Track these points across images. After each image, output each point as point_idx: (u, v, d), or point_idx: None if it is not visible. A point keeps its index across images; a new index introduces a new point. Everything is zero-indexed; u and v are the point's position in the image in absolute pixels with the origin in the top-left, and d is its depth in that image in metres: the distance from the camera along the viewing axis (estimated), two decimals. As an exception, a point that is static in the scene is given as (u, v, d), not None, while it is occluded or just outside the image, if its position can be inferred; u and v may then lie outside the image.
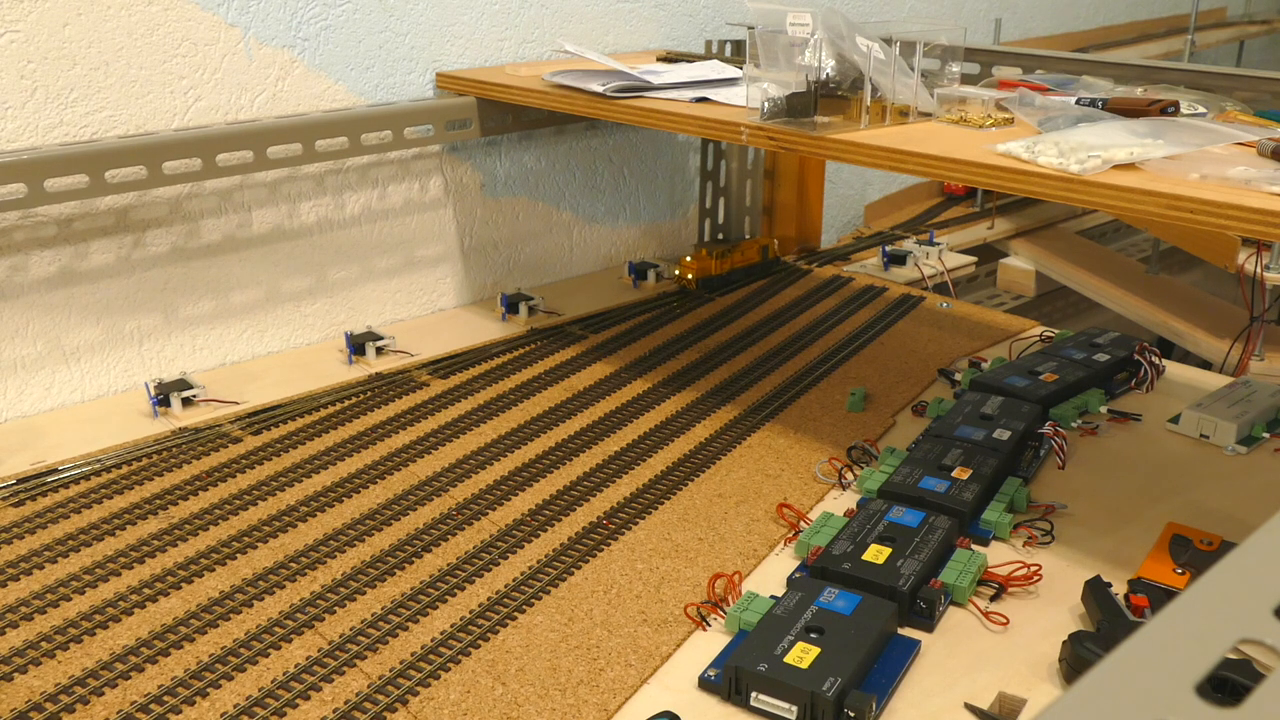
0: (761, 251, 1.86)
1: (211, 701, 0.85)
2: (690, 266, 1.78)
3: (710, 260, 1.78)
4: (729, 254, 1.80)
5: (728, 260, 1.80)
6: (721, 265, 1.79)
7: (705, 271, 1.78)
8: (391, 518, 1.11)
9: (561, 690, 0.87)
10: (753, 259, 1.84)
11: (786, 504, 1.13)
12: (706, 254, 1.79)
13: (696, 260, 1.79)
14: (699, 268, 1.77)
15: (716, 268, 1.79)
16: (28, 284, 1.32)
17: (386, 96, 1.57)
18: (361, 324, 1.61)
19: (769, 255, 1.87)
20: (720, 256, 1.79)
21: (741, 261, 1.82)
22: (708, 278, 1.78)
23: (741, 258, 1.82)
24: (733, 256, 1.81)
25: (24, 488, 1.17)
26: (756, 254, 1.85)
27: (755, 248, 1.85)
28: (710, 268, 1.78)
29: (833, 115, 1.18)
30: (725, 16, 1.97)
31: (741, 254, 1.82)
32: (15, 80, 1.26)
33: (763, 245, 1.86)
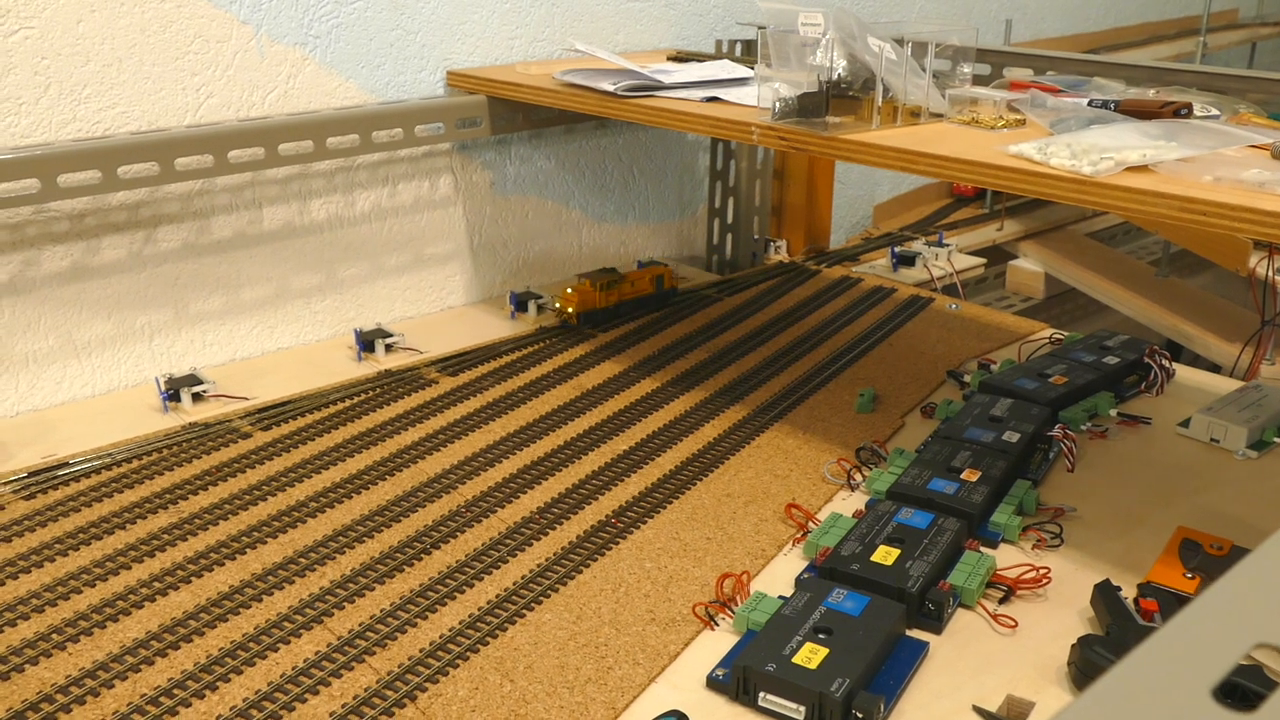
0: (655, 282, 1.68)
1: (220, 695, 0.85)
2: (571, 299, 1.60)
3: (594, 292, 1.61)
4: (616, 285, 1.63)
5: (614, 292, 1.63)
6: (607, 297, 1.62)
7: (588, 305, 1.60)
8: (400, 514, 1.12)
9: (570, 688, 0.87)
10: (644, 290, 1.67)
11: (795, 504, 1.13)
12: (590, 285, 1.61)
13: (578, 291, 1.60)
14: (580, 300, 1.60)
15: (601, 300, 1.61)
16: (40, 279, 1.32)
17: (397, 94, 1.57)
18: (371, 321, 1.61)
19: (664, 286, 1.69)
20: (606, 288, 1.61)
21: (631, 293, 1.65)
22: (591, 311, 1.61)
23: (631, 289, 1.65)
24: (620, 288, 1.63)
25: (35, 481, 1.17)
26: (649, 284, 1.67)
27: (648, 278, 1.67)
28: (594, 300, 1.61)
29: (844, 115, 1.18)
30: (735, 16, 1.97)
31: (631, 285, 1.65)
32: (29, 76, 1.26)
33: (656, 275, 1.68)
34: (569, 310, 1.59)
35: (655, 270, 1.69)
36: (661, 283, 1.69)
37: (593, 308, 1.60)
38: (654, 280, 1.68)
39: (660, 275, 1.68)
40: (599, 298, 1.61)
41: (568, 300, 1.60)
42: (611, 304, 1.62)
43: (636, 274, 1.67)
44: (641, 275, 1.67)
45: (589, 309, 1.60)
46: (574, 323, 1.60)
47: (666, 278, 1.69)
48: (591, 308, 1.60)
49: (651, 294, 1.68)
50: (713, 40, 1.92)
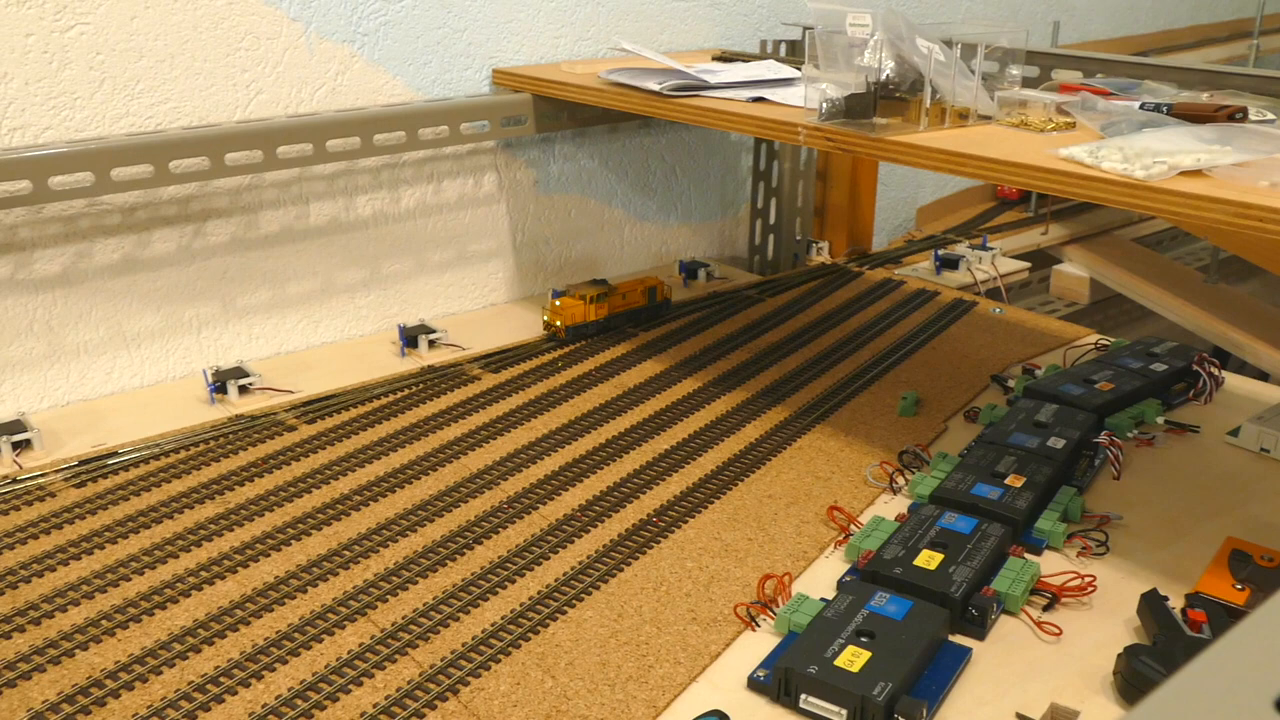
0: (648, 294, 1.61)
1: (266, 684, 0.86)
2: (560, 312, 1.54)
3: (585, 305, 1.54)
4: (607, 297, 1.56)
5: (605, 305, 1.56)
6: (598, 310, 1.55)
7: (578, 318, 1.54)
8: (443, 509, 1.12)
9: (611, 685, 0.87)
10: (636, 302, 1.60)
11: (837, 506, 1.12)
12: (580, 297, 1.55)
13: (567, 304, 1.55)
14: (570, 314, 1.53)
15: (592, 313, 1.55)
16: (92, 271, 1.34)
17: (443, 92, 1.58)
18: (414, 317, 1.62)
19: (657, 298, 1.63)
20: (596, 300, 1.55)
21: (622, 306, 1.58)
22: (581, 325, 1.54)
23: (623, 301, 1.58)
24: (611, 300, 1.56)
25: (85, 469, 1.19)
26: (641, 296, 1.61)
27: (640, 289, 1.61)
28: (584, 314, 1.54)
29: (891, 117, 1.17)
30: (780, 16, 1.96)
31: (623, 297, 1.58)
32: (84, 71, 1.28)
33: (649, 286, 1.61)
34: (557, 324, 1.53)
35: (648, 281, 1.62)
36: (654, 294, 1.62)
37: (583, 321, 1.54)
38: (646, 292, 1.61)
39: (653, 287, 1.62)
40: (589, 311, 1.54)
41: (556, 314, 1.53)
42: (602, 317, 1.56)
43: (628, 285, 1.60)
44: (633, 287, 1.60)
45: (578, 323, 1.54)
46: (562, 336, 1.53)
47: (659, 289, 1.63)
48: (582, 321, 1.54)
49: (644, 306, 1.61)
50: (757, 40, 1.92)
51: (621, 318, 1.58)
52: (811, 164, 1.96)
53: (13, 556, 1.03)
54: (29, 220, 1.29)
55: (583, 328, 1.54)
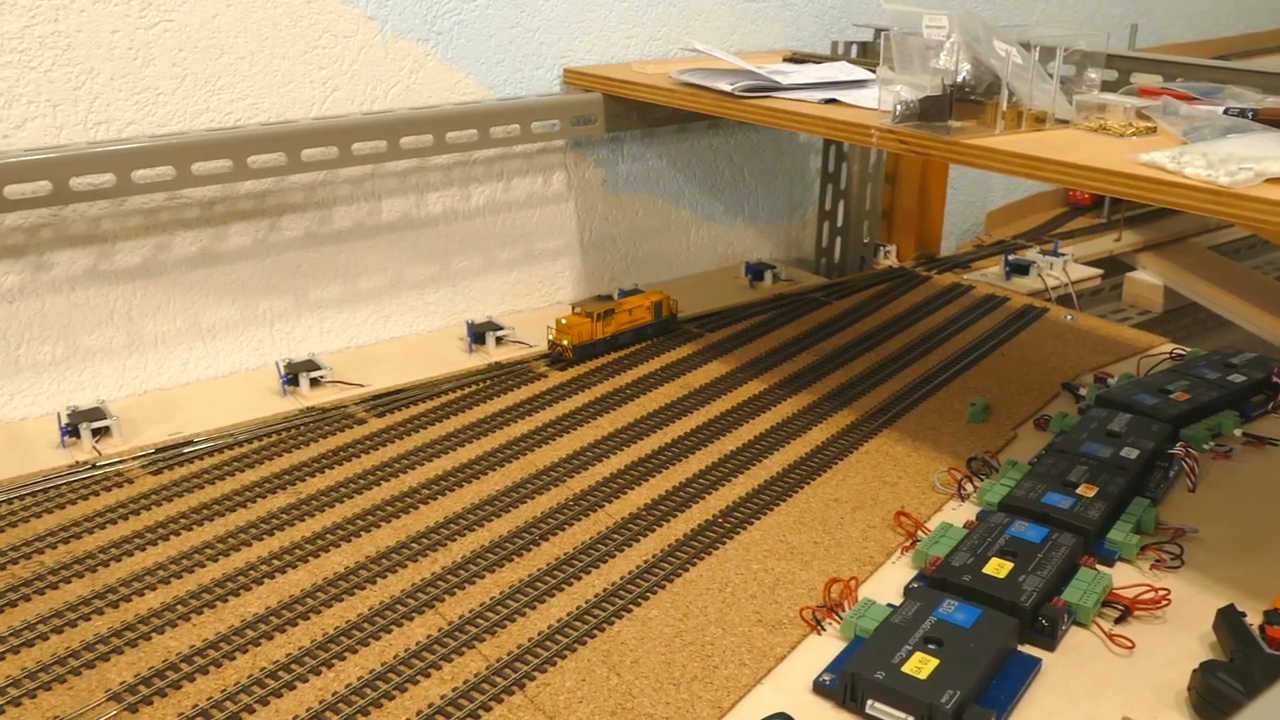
0: (654, 309, 1.56)
1: (336, 673, 0.88)
2: (566, 331, 1.47)
3: (591, 323, 1.48)
4: (612, 315, 1.50)
5: (612, 322, 1.50)
6: (605, 328, 1.50)
7: (584, 337, 1.48)
8: (510, 505, 1.13)
9: (676, 685, 0.87)
10: (643, 319, 1.54)
11: (904, 512, 1.11)
12: (585, 315, 1.49)
13: (573, 323, 1.48)
14: (576, 333, 1.47)
15: (600, 331, 1.49)
16: (171, 263, 1.37)
17: (514, 91, 1.60)
18: (482, 313, 1.64)
19: (663, 313, 1.57)
20: (603, 318, 1.49)
21: (629, 323, 1.53)
22: (588, 344, 1.48)
23: (629, 319, 1.53)
24: (618, 318, 1.51)
25: (162, 457, 1.21)
26: (648, 313, 1.55)
27: (645, 305, 1.55)
28: (590, 332, 1.48)
29: (966, 120, 1.16)
30: (852, 17, 1.95)
31: (629, 314, 1.53)
32: (167, 68, 1.31)
33: (655, 302, 1.56)
34: (564, 343, 1.47)
35: (653, 296, 1.57)
36: (660, 310, 1.57)
37: (589, 340, 1.48)
38: (653, 308, 1.56)
39: (659, 302, 1.56)
40: (596, 329, 1.49)
41: (563, 333, 1.47)
42: (609, 335, 1.51)
43: (634, 301, 1.55)
44: (639, 303, 1.55)
45: (585, 341, 1.48)
46: (569, 356, 1.47)
47: (665, 305, 1.57)
48: (588, 340, 1.48)
49: (650, 322, 1.56)
50: (828, 41, 1.91)
51: (629, 335, 1.53)
52: (880, 166, 1.94)
53: (92, 540, 1.06)
54: (111, 213, 1.32)
55: (590, 346, 1.48)
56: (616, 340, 1.51)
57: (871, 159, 1.92)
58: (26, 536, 1.06)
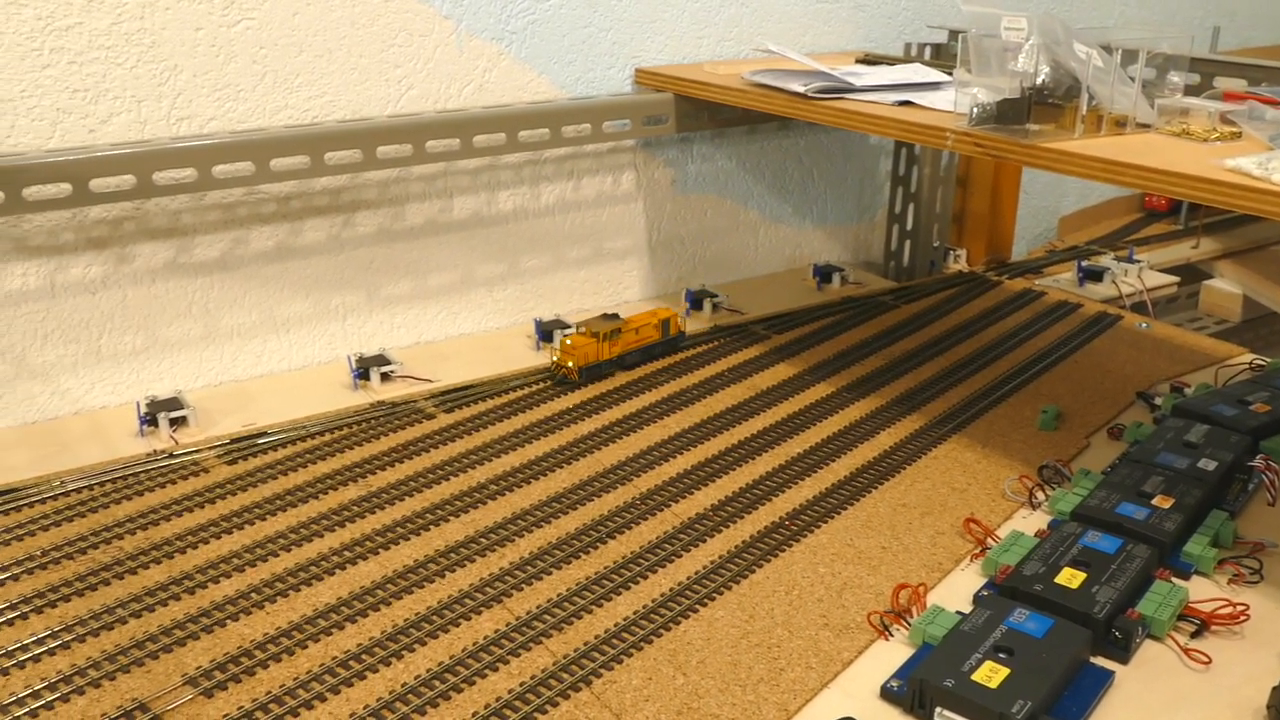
0: (661, 327, 1.49)
1: (406, 664, 0.89)
2: (571, 352, 1.41)
3: (597, 343, 1.42)
4: (619, 335, 1.44)
5: (618, 342, 1.44)
6: (611, 348, 1.44)
7: (590, 358, 1.42)
8: (577, 502, 1.14)
9: (742, 686, 0.87)
10: (650, 338, 1.48)
11: (973, 519, 1.10)
12: (591, 335, 1.43)
13: (578, 344, 1.42)
14: (582, 354, 1.41)
15: (606, 351, 1.43)
16: (247, 257, 1.40)
17: (586, 91, 1.60)
18: (550, 311, 1.65)
19: (670, 331, 1.51)
20: (609, 338, 1.43)
21: (636, 342, 1.47)
22: (594, 365, 1.42)
23: (636, 338, 1.47)
24: (624, 338, 1.45)
25: (236, 448, 1.24)
26: (655, 331, 1.49)
27: (653, 323, 1.49)
28: (597, 353, 1.42)
29: (1044, 123, 1.14)
30: (925, 19, 1.93)
31: (636, 333, 1.47)
32: (248, 65, 1.34)
33: (663, 320, 1.50)
34: (568, 365, 1.40)
35: (660, 314, 1.50)
36: (668, 328, 1.51)
37: (596, 361, 1.43)
38: (660, 326, 1.50)
39: (666, 320, 1.50)
40: (602, 349, 1.43)
41: (567, 354, 1.41)
42: (616, 355, 1.45)
43: (641, 319, 1.48)
44: (646, 321, 1.48)
45: (591, 362, 1.42)
46: (574, 379, 1.41)
47: (673, 323, 1.51)
48: (595, 361, 1.42)
49: (658, 341, 1.50)
50: (901, 43, 1.89)
51: (636, 354, 1.47)
52: (952, 169, 1.92)
53: (169, 528, 1.08)
54: (191, 207, 1.34)
55: (596, 368, 1.42)
56: (623, 360, 1.46)
57: (943, 162, 1.90)
58: (106, 522, 1.09)
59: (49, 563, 1.02)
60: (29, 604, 0.96)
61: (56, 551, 1.03)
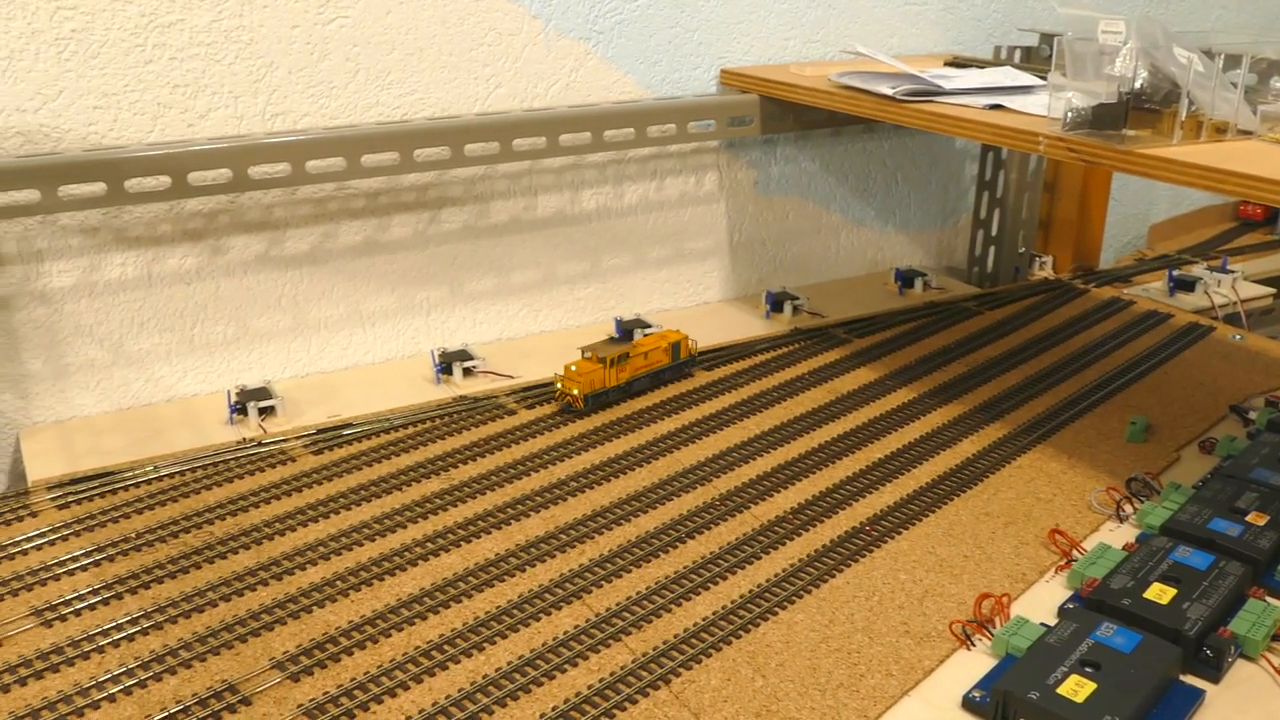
0: (671, 350, 1.42)
1: (487, 656, 0.90)
2: (575, 379, 1.33)
3: (604, 369, 1.35)
4: (626, 360, 1.37)
5: (626, 368, 1.37)
6: (619, 374, 1.36)
7: (597, 385, 1.34)
8: (656, 501, 1.14)
9: (821, 690, 0.87)
10: (659, 362, 1.41)
11: (1059, 530, 1.08)
12: (597, 360, 1.35)
13: (584, 370, 1.34)
14: (588, 381, 1.33)
15: (613, 378, 1.36)
16: (336, 251, 1.42)
17: (671, 91, 1.60)
18: (629, 310, 1.65)
19: (680, 355, 1.44)
20: (616, 363, 1.36)
21: (645, 367, 1.39)
22: (601, 392, 1.35)
23: (645, 363, 1.39)
24: (632, 363, 1.38)
25: (322, 438, 1.26)
26: (665, 355, 1.42)
27: (662, 346, 1.42)
28: (603, 379, 1.35)
29: (1141, 129, 1.12)
30: (1016, 22, 1.90)
31: (645, 358, 1.39)
32: (341, 62, 1.36)
33: (673, 343, 1.43)
34: (574, 392, 1.33)
35: (670, 336, 1.44)
36: (678, 351, 1.44)
37: (602, 388, 1.35)
38: (670, 349, 1.43)
39: (677, 343, 1.43)
40: (608, 375, 1.35)
41: (572, 381, 1.33)
42: (624, 382, 1.37)
43: (650, 342, 1.42)
44: (655, 345, 1.42)
45: (598, 389, 1.35)
46: (580, 407, 1.33)
47: (684, 346, 1.44)
48: (600, 388, 1.35)
49: (668, 365, 1.43)
50: (990, 46, 1.87)
51: (645, 380, 1.40)
52: (1039, 175, 1.89)
53: (257, 514, 1.11)
54: (284, 201, 1.37)
55: (603, 395, 1.35)
56: (631, 387, 1.38)
57: (1030, 166, 1.87)
58: (197, 507, 1.12)
59: (143, 545, 1.05)
60: (124, 584, 0.99)
61: (150, 534, 1.06)
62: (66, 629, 0.93)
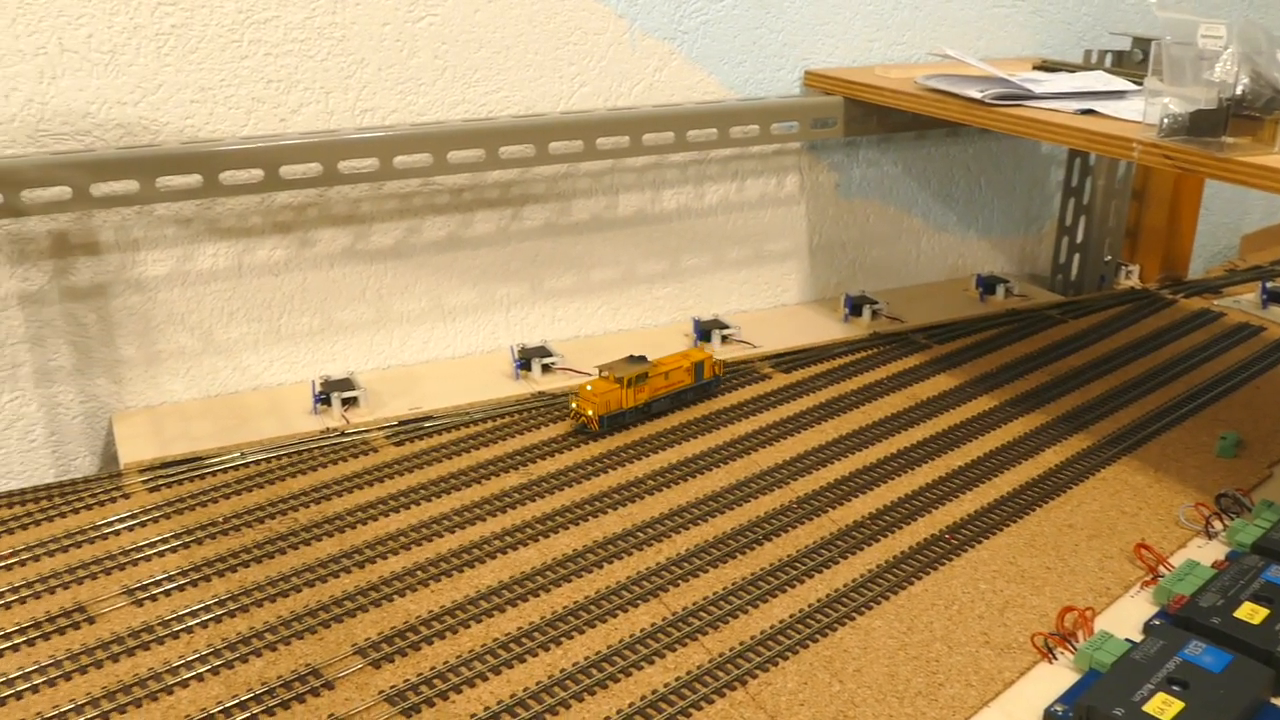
0: (694, 370, 1.37)
1: (564, 650, 0.90)
2: (590, 399, 1.28)
3: (620, 390, 1.30)
4: (645, 380, 1.32)
5: (645, 388, 1.32)
6: (637, 395, 1.31)
7: (612, 406, 1.29)
8: (733, 502, 1.14)
9: (899, 698, 0.86)
10: (681, 382, 1.36)
11: (1145, 545, 1.06)
12: (615, 380, 1.30)
13: (599, 390, 1.29)
14: (604, 402, 1.28)
15: (630, 399, 1.31)
16: (420, 246, 1.44)
17: (754, 91, 1.60)
18: (707, 311, 1.65)
19: (704, 375, 1.38)
20: (634, 383, 1.31)
21: (665, 387, 1.34)
22: (617, 413, 1.30)
23: (665, 383, 1.34)
24: (651, 383, 1.33)
25: (403, 430, 1.28)
26: (687, 375, 1.36)
27: (684, 366, 1.36)
28: (619, 400, 1.30)
29: (1240, 136, 1.09)
30: (1107, 25, 1.87)
31: (665, 378, 1.34)
32: (429, 60, 1.38)
33: (696, 361, 1.37)
34: (588, 413, 1.28)
35: (694, 356, 1.38)
36: (701, 371, 1.38)
37: (618, 409, 1.30)
38: (693, 369, 1.37)
39: (700, 363, 1.38)
40: (625, 396, 1.30)
41: (587, 401, 1.28)
42: (642, 403, 1.32)
43: (671, 361, 1.37)
44: (677, 364, 1.36)
45: (614, 410, 1.29)
46: (595, 428, 1.28)
47: (708, 365, 1.39)
48: (616, 409, 1.30)
49: (690, 385, 1.37)
50: (1080, 50, 1.83)
51: (665, 401, 1.35)
52: (1128, 182, 1.85)
53: (340, 503, 1.13)
54: (370, 195, 1.39)
55: (619, 416, 1.30)
56: (650, 408, 1.33)
57: (1119, 173, 1.83)
58: (282, 494, 1.14)
59: (230, 529, 1.07)
60: (211, 567, 1.01)
61: (237, 519, 1.09)
62: (156, 608, 0.95)
